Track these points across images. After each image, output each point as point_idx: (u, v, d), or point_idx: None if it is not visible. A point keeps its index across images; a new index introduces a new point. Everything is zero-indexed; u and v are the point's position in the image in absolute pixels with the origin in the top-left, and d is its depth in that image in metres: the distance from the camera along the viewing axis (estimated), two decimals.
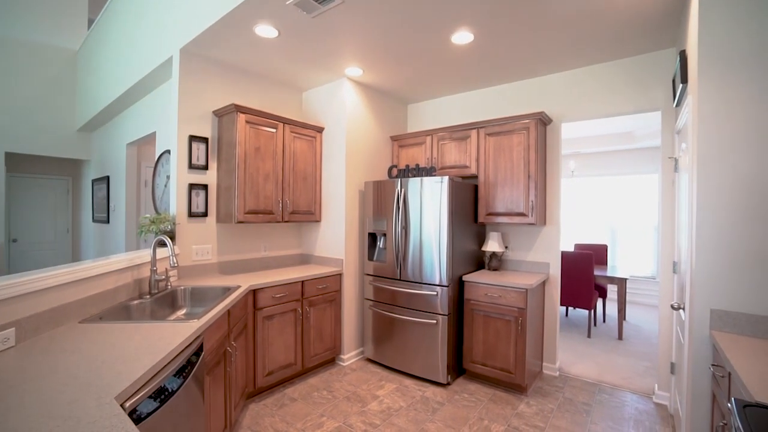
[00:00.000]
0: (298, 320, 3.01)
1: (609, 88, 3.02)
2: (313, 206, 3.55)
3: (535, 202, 3.01)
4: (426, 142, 3.67)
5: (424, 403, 2.76)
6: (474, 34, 2.60)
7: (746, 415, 0.96)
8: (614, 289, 6.25)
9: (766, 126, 1.60)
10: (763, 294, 1.60)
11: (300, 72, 3.34)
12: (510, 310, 2.84)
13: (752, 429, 0.90)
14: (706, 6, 1.73)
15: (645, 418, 2.59)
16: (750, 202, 1.63)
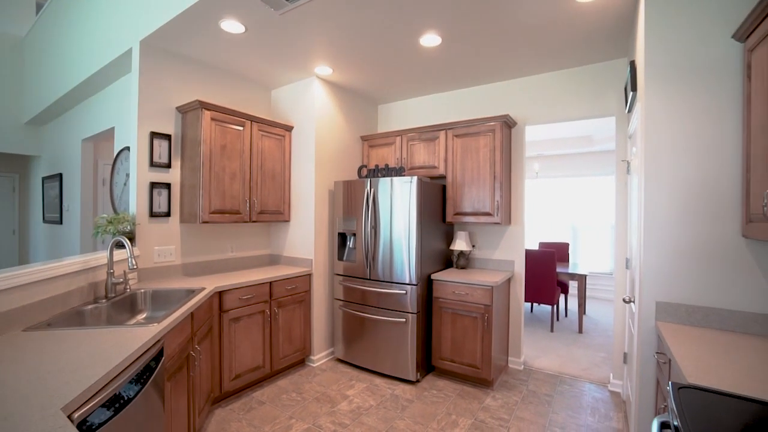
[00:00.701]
0: (266, 322, 2.96)
1: (569, 94, 3.18)
2: (281, 206, 3.50)
3: (501, 202, 3.12)
4: (396, 142, 3.71)
5: (393, 401, 2.79)
6: (442, 38, 2.66)
7: (680, 396, 1.05)
8: (575, 285, 6.56)
9: (704, 134, 1.74)
10: (699, 287, 1.74)
11: (269, 69, 3.29)
12: (477, 307, 2.92)
13: (683, 408, 0.99)
14: (650, 23, 1.86)
15: (600, 405, 2.75)
16: (690, 204, 1.77)
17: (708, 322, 1.71)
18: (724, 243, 1.69)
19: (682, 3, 1.78)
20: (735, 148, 1.68)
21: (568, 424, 2.50)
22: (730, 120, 1.69)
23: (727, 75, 1.69)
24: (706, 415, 0.97)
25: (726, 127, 1.69)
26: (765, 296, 1.61)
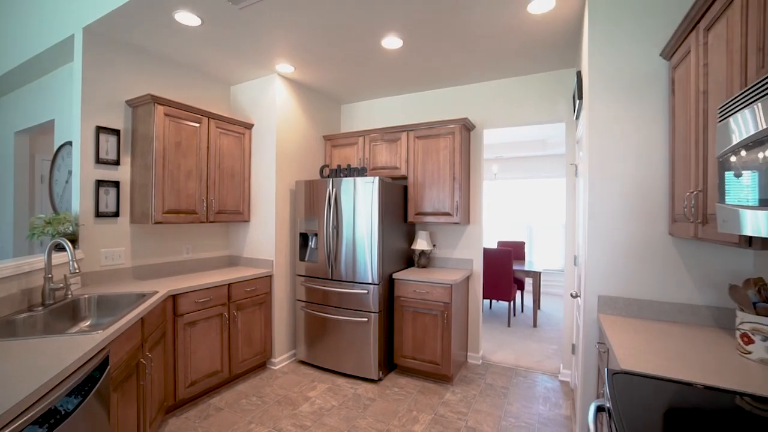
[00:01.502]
0: (224, 325, 2.87)
1: (524, 100, 3.34)
2: (241, 206, 3.41)
3: (460, 203, 3.22)
4: (358, 142, 3.72)
5: (355, 400, 2.80)
6: (403, 40, 2.71)
7: (613, 381, 1.15)
8: (531, 282, 6.88)
9: (639, 141, 1.90)
10: (635, 281, 1.90)
11: (227, 65, 3.19)
12: (437, 305, 3.00)
13: (615, 391, 1.08)
14: (593, 39, 2.01)
15: (551, 394, 2.92)
16: (628, 205, 1.93)
17: (642, 313, 1.87)
18: (655, 241, 1.86)
19: (620, 22, 1.94)
20: (664, 154, 1.85)
21: (521, 413, 2.63)
22: (660, 129, 1.86)
23: (657, 89, 1.86)
24: (634, 397, 1.07)
25: (657, 136, 1.86)
26: (688, 288, 1.79)
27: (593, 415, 1.13)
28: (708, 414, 0.99)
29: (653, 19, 1.87)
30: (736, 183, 1.02)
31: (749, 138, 0.94)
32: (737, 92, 1.05)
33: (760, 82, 0.90)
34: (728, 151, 1.06)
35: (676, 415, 0.98)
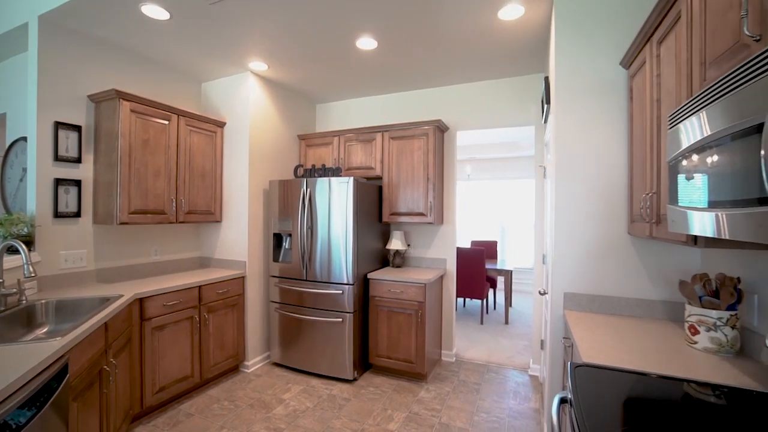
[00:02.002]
0: (195, 328, 2.80)
1: (495, 103, 3.43)
2: (212, 206, 3.32)
3: (434, 203, 3.28)
4: (333, 142, 3.71)
5: (330, 401, 2.80)
6: (377, 42, 2.73)
7: (575, 374, 1.21)
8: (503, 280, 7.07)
9: (602, 145, 2.00)
10: (597, 278, 2.00)
11: (198, 61, 3.10)
12: (411, 304, 3.04)
13: (576, 383, 1.14)
14: (559, 47, 2.10)
15: (521, 388, 3.02)
16: (591, 206, 2.03)
17: (604, 308, 1.97)
18: (615, 240, 1.97)
19: (585, 31, 2.04)
20: (624, 158, 1.95)
21: (493, 408, 2.71)
22: (621, 134, 1.96)
23: (618, 96, 1.97)
24: (594, 388, 1.13)
25: (618, 141, 1.97)
26: (644, 284, 1.90)
27: (556, 406, 1.18)
28: (660, 400, 1.06)
29: (615, 29, 1.97)
30: (685, 186, 1.10)
31: (695, 144, 1.01)
32: (684, 102, 1.13)
33: (702, 93, 0.98)
34: (677, 156, 1.14)
35: (632, 403, 1.05)
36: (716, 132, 0.90)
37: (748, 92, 0.78)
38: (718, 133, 0.89)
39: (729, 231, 0.85)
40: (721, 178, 0.89)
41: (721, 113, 0.88)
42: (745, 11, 0.89)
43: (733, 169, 0.83)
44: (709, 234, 0.94)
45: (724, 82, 0.87)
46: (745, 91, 0.79)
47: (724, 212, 0.87)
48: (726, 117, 0.85)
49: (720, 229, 0.89)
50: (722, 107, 0.87)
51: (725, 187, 0.86)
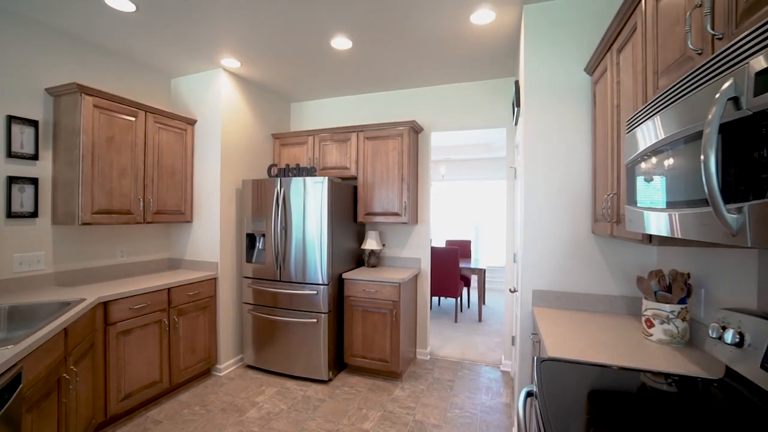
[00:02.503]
0: (164, 332, 2.71)
1: (468, 105, 3.51)
2: (183, 205, 3.23)
3: (408, 203, 3.31)
4: (308, 142, 3.69)
5: (305, 402, 2.78)
6: (353, 42, 2.73)
7: (541, 368, 1.26)
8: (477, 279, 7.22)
9: (568, 148, 2.09)
10: (564, 276, 2.08)
11: (168, 56, 3.00)
12: (386, 303, 3.06)
13: (542, 376, 1.19)
14: (528, 53, 2.17)
15: (494, 384, 3.10)
16: (558, 206, 2.11)
17: (570, 304, 2.06)
18: (581, 239, 2.06)
19: (553, 38, 2.12)
20: (589, 160, 2.05)
21: (466, 404, 2.77)
22: (586, 137, 2.05)
23: (583, 100, 2.06)
24: (558, 381, 1.18)
25: (583, 144, 2.06)
26: (606, 281, 2.00)
27: (523, 399, 1.23)
28: (620, 390, 1.12)
29: (580, 37, 2.06)
30: (641, 188, 1.17)
31: (649, 148, 1.08)
32: (640, 108, 1.20)
33: (654, 100, 1.04)
34: (634, 159, 1.21)
35: (594, 393, 1.11)
36: (666, 137, 0.96)
37: (692, 101, 0.84)
38: (668, 138, 0.95)
39: (681, 230, 0.90)
40: (672, 180, 0.94)
41: (670, 120, 0.94)
42: (689, 27, 0.96)
43: (682, 172, 0.89)
44: (664, 233, 0.99)
45: (672, 91, 0.94)
46: (689, 100, 0.85)
47: (677, 212, 0.92)
48: (674, 124, 0.92)
49: (673, 228, 0.94)
50: (670, 115, 0.94)
51: (677, 188, 0.92)
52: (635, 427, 0.92)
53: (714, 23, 0.86)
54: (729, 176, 0.70)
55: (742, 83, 0.66)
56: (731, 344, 1.07)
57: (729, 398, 1.06)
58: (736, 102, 0.68)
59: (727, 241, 0.72)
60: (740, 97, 0.67)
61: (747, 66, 0.65)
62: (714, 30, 0.86)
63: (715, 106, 0.69)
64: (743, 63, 0.67)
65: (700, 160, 0.70)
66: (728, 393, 1.09)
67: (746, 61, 0.66)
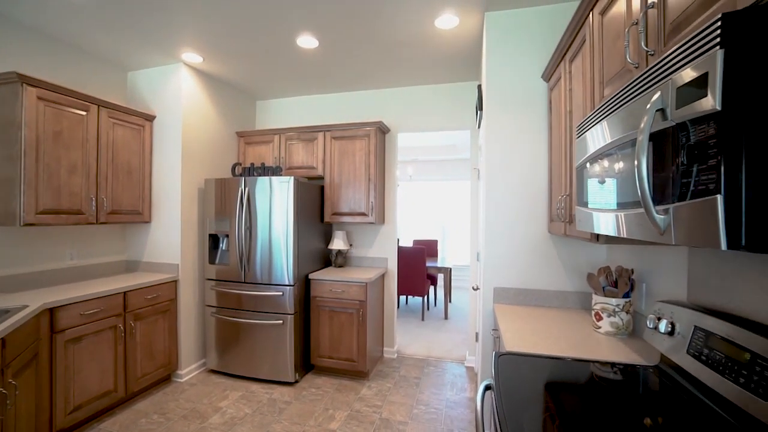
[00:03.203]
0: (119, 338, 2.58)
1: (434, 107, 3.58)
2: (140, 205, 3.08)
3: (375, 203, 3.33)
4: (274, 140, 3.62)
5: (270, 405, 2.74)
6: (319, 41, 2.71)
7: (498, 362, 1.32)
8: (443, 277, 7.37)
9: (528, 151, 2.18)
10: (522, 273, 2.18)
11: (123, 48, 2.85)
12: (352, 303, 3.07)
13: (499, 371, 1.25)
14: (490, 59, 2.25)
15: (458, 380, 3.18)
16: (518, 206, 2.20)
17: (528, 300, 2.15)
18: (538, 238, 2.16)
19: (513, 45, 2.21)
20: (546, 163, 2.15)
21: (431, 400, 2.83)
22: (543, 141, 2.16)
23: (541, 105, 2.16)
24: (515, 373, 1.24)
25: (541, 147, 2.16)
26: (561, 278, 2.11)
27: (481, 393, 1.28)
28: (572, 380, 1.19)
29: (538, 45, 2.17)
30: (589, 189, 1.25)
31: (596, 152, 1.15)
32: (588, 114, 1.28)
33: (599, 108, 1.12)
34: (583, 163, 1.29)
35: (548, 385, 1.17)
36: (609, 143, 1.04)
37: (630, 110, 0.91)
38: (610, 144, 1.03)
39: (626, 230, 0.95)
40: (617, 183, 1.00)
41: (612, 127, 1.02)
42: (627, 42, 1.04)
43: (626, 176, 0.94)
44: (611, 233, 1.05)
45: (614, 101, 1.01)
46: (628, 109, 0.92)
47: (622, 213, 0.98)
48: (616, 130, 0.99)
49: (619, 228, 1.00)
50: (613, 122, 1.01)
51: (621, 191, 0.98)
52: (584, 413, 0.99)
53: (647, 41, 0.94)
54: (658, 180, 0.77)
55: (667, 96, 0.73)
56: (664, 333, 1.17)
57: (663, 382, 1.16)
58: (663, 113, 0.75)
59: (657, 240, 0.79)
60: (666, 109, 0.74)
61: (670, 81, 0.72)
62: (647, 47, 0.94)
63: (646, 116, 0.76)
64: (668, 78, 0.74)
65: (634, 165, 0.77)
66: (663, 378, 1.19)
67: (670, 76, 0.73)
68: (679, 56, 0.71)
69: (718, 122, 0.60)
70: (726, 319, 0.98)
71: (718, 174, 0.60)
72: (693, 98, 0.65)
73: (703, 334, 1.02)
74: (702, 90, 0.63)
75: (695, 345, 1.04)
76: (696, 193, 0.65)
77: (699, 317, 1.06)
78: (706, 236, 0.62)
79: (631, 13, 1.05)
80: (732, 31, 0.59)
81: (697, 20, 0.77)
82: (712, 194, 0.61)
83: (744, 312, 1.02)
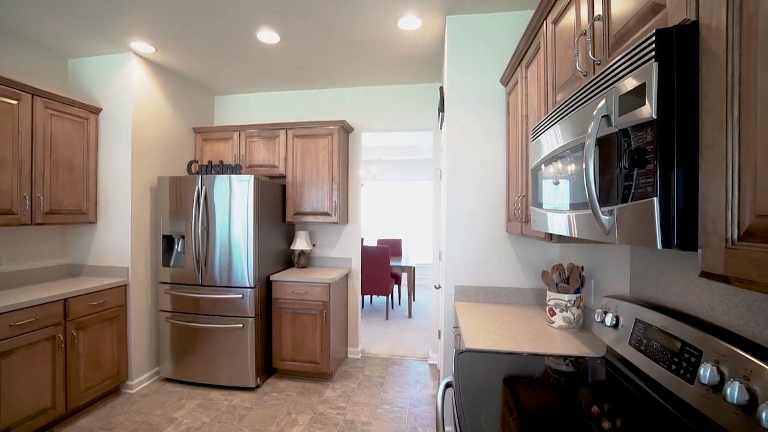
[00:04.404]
0: (58, 350, 2.37)
1: (398, 107, 3.60)
2: (84, 204, 2.86)
3: (338, 203, 3.31)
4: (234, 137, 3.49)
5: (230, 412, 2.64)
6: (280, 36, 2.65)
7: (458, 359, 1.35)
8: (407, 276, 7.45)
9: (487, 152, 2.25)
10: (482, 271, 2.24)
11: (62, 33, 2.63)
12: (315, 304, 3.02)
13: (459, 367, 1.28)
14: (451, 60, 2.30)
15: (422, 378, 3.23)
16: (478, 207, 2.26)
17: (488, 297, 2.22)
18: (497, 237, 2.23)
19: (473, 49, 2.26)
20: (504, 164, 2.23)
21: (395, 399, 2.85)
22: (502, 143, 2.23)
23: (500, 108, 2.23)
24: (474, 370, 1.27)
25: (500, 149, 2.23)
26: (518, 275, 2.20)
27: (442, 390, 1.30)
28: (528, 374, 1.24)
29: (497, 50, 2.23)
30: (543, 191, 1.30)
31: (549, 155, 1.21)
32: (542, 118, 1.34)
33: (551, 113, 1.17)
34: (537, 165, 1.35)
35: (506, 379, 1.21)
36: (560, 147, 1.09)
37: (580, 115, 0.96)
38: (561, 147, 1.08)
39: (577, 230, 1.00)
40: (570, 184, 1.05)
41: (564, 131, 1.07)
42: (576, 51, 1.10)
43: (577, 178, 0.99)
44: (564, 233, 1.10)
45: (565, 106, 1.06)
46: (578, 114, 0.97)
47: (573, 214, 1.02)
48: (567, 134, 1.04)
49: (571, 228, 1.04)
50: (564, 126, 1.06)
51: (573, 192, 1.02)
52: (539, 404, 1.03)
53: (594, 50, 1.00)
54: (604, 183, 0.82)
55: (611, 103, 0.78)
56: (610, 326, 1.24)
57: (609, 372, 1.24)
58: (608, 119, 0.80)
59: (603, 239, 0.83)
60: (610, 116, 0.79)
61: (614, 89, 0.77)
62: (594, 56, 0.99)
63: (593, 122, 0.80)
64: (611, 87, 0.79)
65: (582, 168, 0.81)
66: (608, 368, 1.27)
67: (614, 84, 0.78)
68: (621, 66, 0.75)
69: (654, 129, 0.65)
70: (662, 311, 1.06)
71: (654, 178, 0.65)
72: (634, 106, 0.69)
73: (642, 326, 1.10)
74: (641, 99, 0.67)
75: (636, 336, 1.11)
76: (636, 196, 0.69)
77: (639, 310, 1.13)
78: (644, 236, 0.67)
79: (580, 23, 1.11)
80: (664, 45, 0.64)
81: (636, 34, 0.82)
82: (650, 197, 0.66)
83: (677, 305, 1.11)
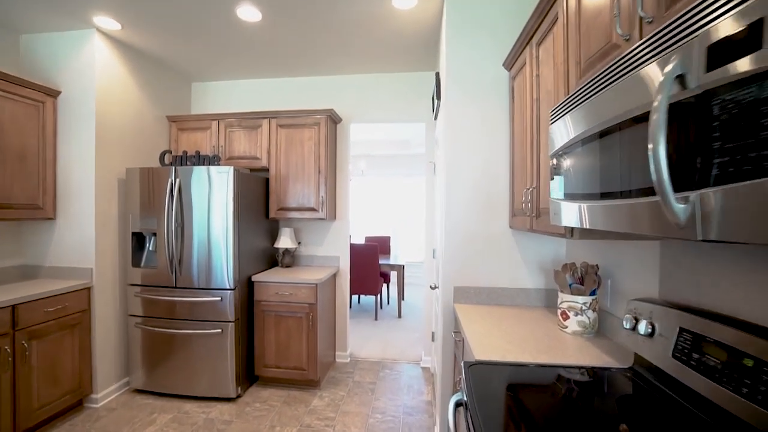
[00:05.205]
0: (5, 364, 2.09)
1: (389, 97, 3.40)
2: (40, 198, 2.56)
3: (326, 198, 3.09)
4: (212, 127, 3.23)
5: (207, 427, 2.40)
6: (262, 13, 2.41)
7: (470, 374, 1.17)
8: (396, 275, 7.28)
9: (489, 142, 2.08)
10: (483, 271, 2.07)
11: (15, 3, 2.32)
12: (301, 306, 2.80)
13: (472, 382, 1.10)
14: (449, 42, 2.11)
15: (414, 382, 3.06)
16: (478, 202, 2.09)
17: (490, 299, 2.06)
18: (499, 234, 2.07)
19: (474, 30, 2.08)
20: (507, 155, 2.06)
21: (388, 407, 2.66)
22: (505, 132, 2.06)
23: (503, 95, 2.06)
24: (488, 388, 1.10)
25: (502, 138, 2.06)
26: (523, 275, 2.04)
27: (452, 411, 1.12)
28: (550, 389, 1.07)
29: (500, 32, 2.06)
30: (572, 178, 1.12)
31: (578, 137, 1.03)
32: (563, 99, 1.17)
33: (580, 89, 1.00)
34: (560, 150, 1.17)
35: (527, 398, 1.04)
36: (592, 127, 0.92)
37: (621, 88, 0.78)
38: (594, 128, 0.91)
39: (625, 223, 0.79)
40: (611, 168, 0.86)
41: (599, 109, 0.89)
42: (617, 11, 0.92)
43: (623, 160, 0.80)
44: (598, 226, 0.89)
45: (598, 81, 0.89)
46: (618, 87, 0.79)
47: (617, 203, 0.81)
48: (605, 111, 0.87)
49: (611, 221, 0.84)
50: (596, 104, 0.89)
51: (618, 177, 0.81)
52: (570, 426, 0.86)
53: (644, 5, 0.83)
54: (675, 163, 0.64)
55: (690, 59, 0.60)
56: (645, 335, 1.09)
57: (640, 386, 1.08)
58: (681, 81, 0.62)
59: (672, 234, 0.66)
60: (686, 75, 0.61)
61: (695, 40, 0.59)
62: (645, 12, 0.82)
63: (662, 86, 0.62)
64: (688, 39, 0.61)
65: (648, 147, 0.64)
66: (640, 381, 1.11)
67: (694, 35, 0.60)
68: (706, 11, 0.58)
69: None
70: (711, 318, 0.90)
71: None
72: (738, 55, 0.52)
73: (690, 336, 0.94)
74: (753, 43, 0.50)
75: (681, 348, 0.96)
76: (741, 175, 0.52)
77: (683, 317, 0.98)
78: (758, 229, 0.49)
79: None
80: None
81: None
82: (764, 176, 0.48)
83: (726, 310, 0.96)
